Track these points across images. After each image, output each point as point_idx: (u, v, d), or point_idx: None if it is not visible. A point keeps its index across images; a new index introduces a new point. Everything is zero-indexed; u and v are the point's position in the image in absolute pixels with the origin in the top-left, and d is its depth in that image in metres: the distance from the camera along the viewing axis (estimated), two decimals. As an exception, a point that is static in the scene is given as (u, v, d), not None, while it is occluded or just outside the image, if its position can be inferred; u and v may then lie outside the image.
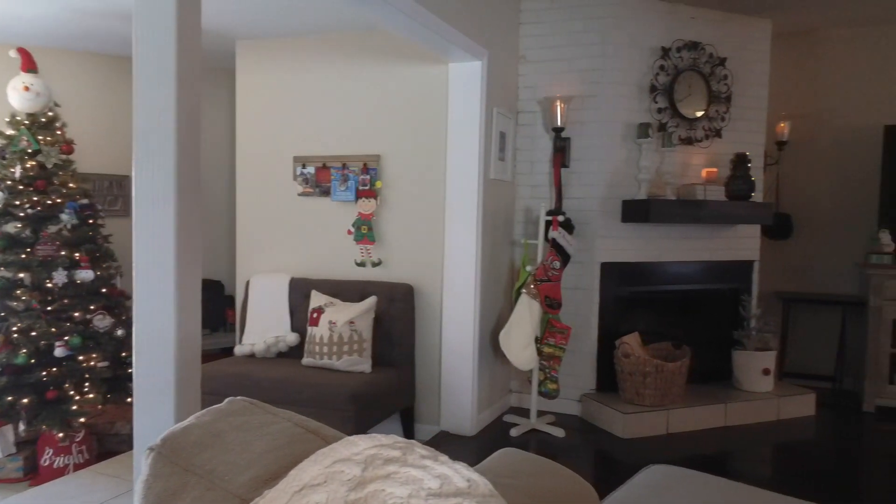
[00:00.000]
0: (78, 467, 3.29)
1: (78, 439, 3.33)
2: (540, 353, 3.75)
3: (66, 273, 3.40)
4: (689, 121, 4.18)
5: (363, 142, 3.88)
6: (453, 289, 3.69)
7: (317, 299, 3.63)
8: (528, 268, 3.80)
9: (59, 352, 3.30)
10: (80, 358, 3.38)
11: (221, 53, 4.74)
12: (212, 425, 0.79)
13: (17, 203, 3.41)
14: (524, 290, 3.71)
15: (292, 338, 3.75)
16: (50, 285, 3.38)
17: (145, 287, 1.76)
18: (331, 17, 3.69)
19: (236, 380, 3.34)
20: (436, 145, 3.72)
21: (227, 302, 5.23)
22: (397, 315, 3.64)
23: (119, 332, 3.58)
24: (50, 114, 3.64)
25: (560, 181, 4.03)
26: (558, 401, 4.03)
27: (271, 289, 3.89)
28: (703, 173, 4.23)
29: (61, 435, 3.26)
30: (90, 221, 3.66)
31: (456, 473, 0.71)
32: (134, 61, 1.73)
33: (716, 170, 4.23)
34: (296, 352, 3.75)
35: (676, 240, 4.22)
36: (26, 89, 3.49)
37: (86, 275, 3.46)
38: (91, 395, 3.40)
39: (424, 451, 0.74)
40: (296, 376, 3.30)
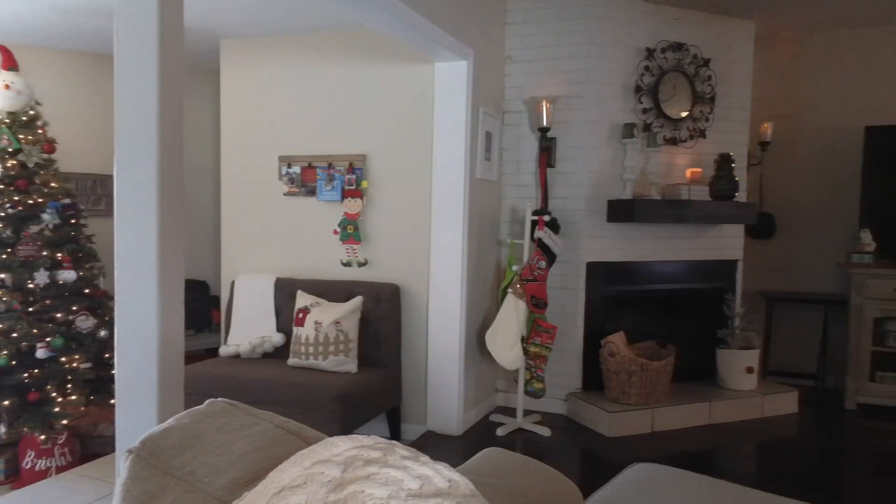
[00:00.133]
0: (60, 470, 3.26)
1: (60, 441, 3.30)
2: (526, 352, 3.76)
3: (47, 273, 3.37)
4: (674, 121, 4.21)
5: (349, 141, 3.87)
6: (439, 289, 3.69)
7: (302, 299, 3.62)
8: (514, 267, 3.81)
9: (40, 353, 3.27)
10: (63, 359, 3.35)
11: (206, 52, 4.70)
12: (192, 427, 0.78)
13: (-2, 203, 3.37)
14: (510, 290, 3.72)
15: (278, 338, 3.74)
16: (31, 286, 3.34)
17: (127, 287, 1.75)
18: (316, 17, 3.68)
19: (221, 381, 3.32)
20: (422, 145, 3.72)
21: (212, 302, 5.20)
22: (383, 315, 3.63)
23: (102, 333, 3.55)
24: (31, 112, 3.60)
25: (546, 181, 4.04)
26: (544, 400, 4.04)
27: (257, 289, 3.87)
28: (688, 173, 4.27)
29: (43, 437, 3.23)
30: (72, 221, 3.63)
31: (437, 474, 0.71)
32: (115, 59, 1.71)
33: (700, 170, 4.26)
34: (281, 352, 3.73)
35: (661, 239, 4.25)
36: (7, 87, 3.45)
37: (68, 275, 3.43)
38: (74, 397, 3.37)
39: (405, 452, 0.74)
40: (281, 377, 3.28)
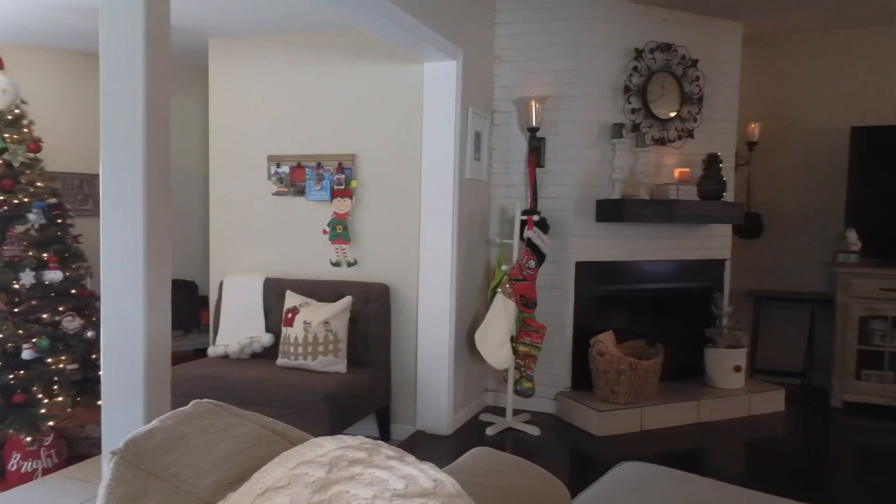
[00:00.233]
0: (47, 472, 3.23)
1: (47, 443, 3.27)
2: (515, 351, 3.77)
3: (33, 274, 3.34)
4: (662, 121, 4.23)
5: (338, 141, 3.86)
6: (429, 288, 3.69)
7: (291, 299, 3.61)
8: (504, 267, 3.82)
9: (26, 354, 3.24)
10: (49, 360, 3.32)
11: (194, 51, 4.68)
12: (176, 428, 0.78)
13: (-17, 202, 3.33)
14: (500, 290, 3.73)
15: (267, 338, 3.72)
16: (17, 286, 3.31)
17: (113, 287, 1.74)
18: (305, 16, 3.67)
19: (209, 381, 3.30)
20: (411, 145, 3.72)
21: (201, 302, 5.17)
22: (373, 315, 3.63)
23: (89, 333, 3.52)
24: (17, 111, 3.56)
25: (535, 181, 4.05)
26: (534, 399, 4.06)
27: (245, 289, 3.85)
28: (676, 173, 4.29)
29: (29, 439, 3.20)
30: (59, 221, 3.59)
31: (422, 474, 0.71)
32: (101, 58, 1.70)
33: (688, 170, 4.29)
34: (270, 352, 3.72)
35: (650, 239, 4.27)
36: (-8, 86, 3.41)
37: (54, 275, 3.40)
38: (60, 398, 3.34)
39: (391, 452, 0.74)
40: (270, 377, 3.27)
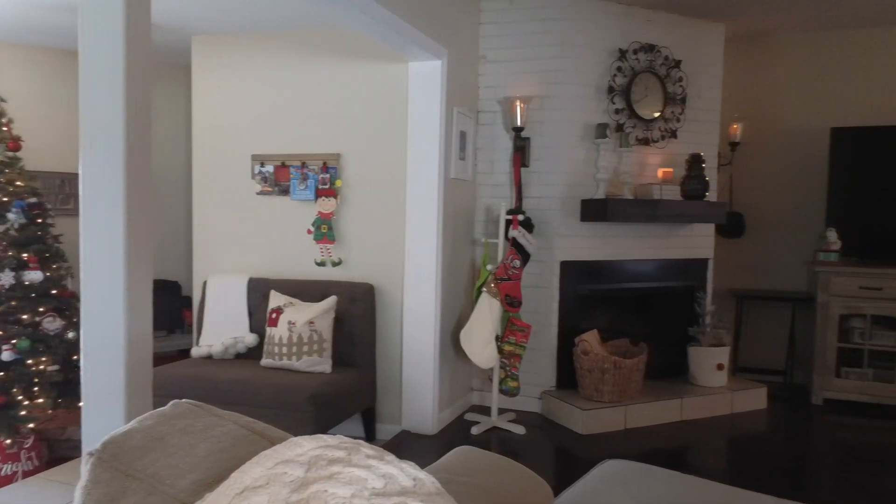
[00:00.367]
0: (27, 474, 3.19)
1: (27, 446, 3.23)
2: (500, 351, 3.78)
3: (13, 274, 3.30)
4: (646, 121, 4.26)
5: (323, 140, 3.85)
6: (414, 288, 3.69)
7: (276, 299, 3.59)
8: (489, 267, 3.83)
9: (6, 355, 3.20)
10: (29, 362, 3.28)
11: (177, 49, 4.64)
12: (154, 429, 0.77)
13: (-39, 202, 3.29)
14: (485, 289, 3.74)
15: (251, 339, 3.70)
16: (-4, 287, 3.26)
17: (93, 288, 1.72)
18: (289, 14, 3.65)
19: (193, 382, 3.28)
20: (396, 144, 3.72)
21: (184, 303, 5.13)
22: (358, 315, 3.62)
23: (70, 334, 3.48)
24: (-5, 109, 3.52)
25: (520, 180, 4.06)
26: (519, 398, 4.07)
27: (229, 289, 3.83)
28: (660, 173, 4.32)
29: (9, 441, 3.16)
30: (39, 220, 3.55)
31: (402, 473, 0.72)
32: (80, 56, 1.68)
33: (671, 170, 4.32)
34: (255, 353, 3.70)
35: (634, 238, 4.30)
36: (-30, 84, 3.36)
37: (34, 276, 3.36)
38: (41, 400, 3.30)
39: (370, 451, 0.74)
40: (254, 378, 3.26)
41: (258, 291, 3.79)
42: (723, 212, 4.29)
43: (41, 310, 3.41)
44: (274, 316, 3.51)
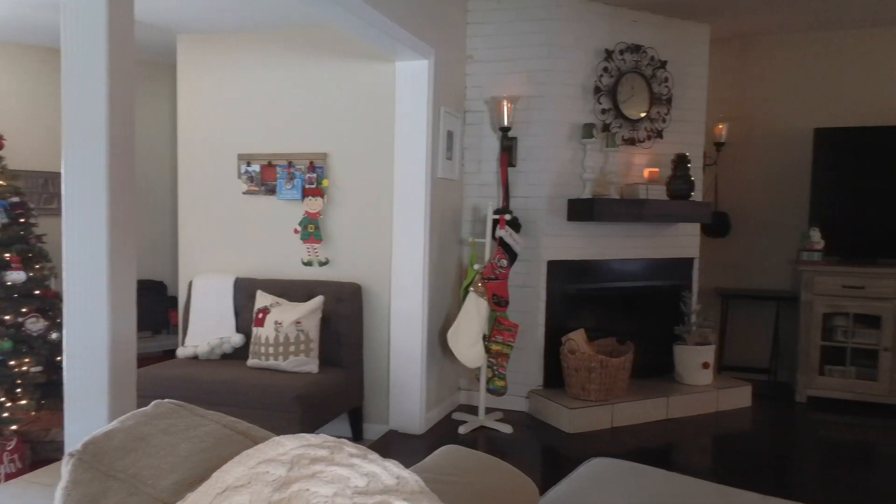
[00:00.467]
0: (10, 476, 3.15)
1: (10, 447, 3.19)
2: (488, 350, 3.79)
3: (-5, 274, 3.26)
4: (632, 122, 4.28)
5: (309, 140, 3.84)
6: (401, 288, 3.69)
7: (262, 299, 3.57)
8: (476, 266, 3.83)
9: (-13, 357, 3.16)
10: (12, 363, 3.24)
11: (162, 47, 4.61)
12: (136, 429, 0.77)
13: (-59, 201, 3.25)
14: (472, 289, 3.74)
15: (237, 339, 3.68)
16: (-22, 287, 3.23)
17: (76, 288, 1.70)
18: (275, 13, 3.64)
19: (178, 382, 3.26)
20: (383, 144, 3.71)
21: (170, 303, 5.09)
22: (345, 314, 3.61)
23: (54, 335, 3.45)
24: (-23, 108, 3.47)
25: (507, 180, 4.07)
26: (506, 397, 4.07)
27: (215, 289, 3.81)
28: (646, 173, 4.35)
29: (-9, 443, 3.12)
30: (22, 220, 3.51)
31: (385, 471, 0.72)
32: (62, 53, 1.66)
33: (657, 170, 4.35)
34: (241, 353, 3.68)
35: (620, 238, 4.32)
36: (-50, 82, 3.32)
37: (17, 276, 3.32)
38: (24, 402, 3.26)
39: (354, 450, 0.74)
40: (240, 378, 3.24)
41: (244, 291, 3.77)
42: (708, 211, 4.32)
43: (24, 310, 3.38)
44: (260, 316, 3.49)
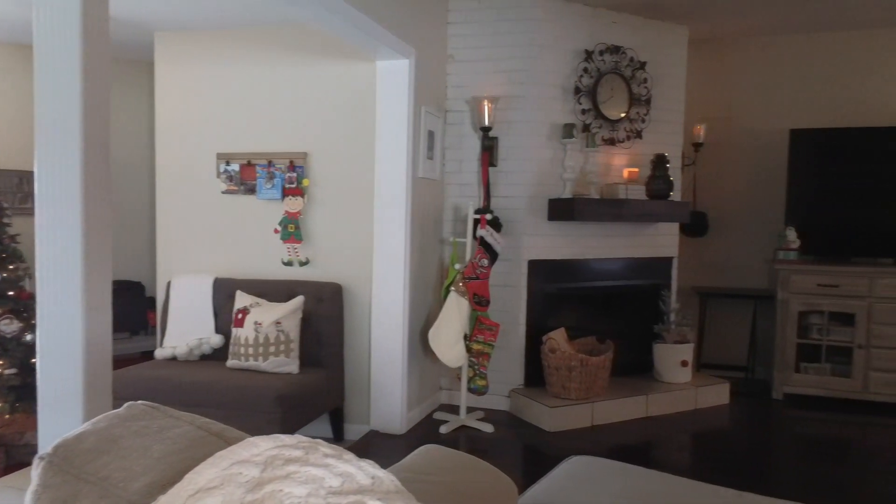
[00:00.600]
0: (-18, 481, 3.10)
1: (-18, 451, 3.13)
2: (469, 350, 3.79)
3: (-33, 275, 3.20)
4: (612, 122, 4.31)
5: (289, 139, 3.81)
6: (382, 287, 3.68)
7: (242, 300, 3.54)
8: (457, 266, 3.83)
9: (-41, 359, 3.10)
10: (-16, 365, 3.19)
11: (139, 45, 4.56)
12: (108, 431, 0.76)
13: (-89, 200, 3.18)
14: (453, 288, 3.74)
15: (216, 339, 3.65)
16: (-51, 288, 3.16)
17: (50, 288, 1.68)
18: (254, 11, 3.61)
19: (156, 384, 3.22)
20: (364, 143, 3.70)
21: (148, 304, 5.03)
22: (326, 315, 3.59)
23: (28, 337, 3.39)
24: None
25: (488, 180, 4.08)
26: (487, 397, 4.08)
27: (194, 290, 3.77)
28: (625, 173, 4.38)
29: (-37, 448, 3.06)
30: (-6, 220, 3.45)
31: (360, 471, 0.71)
32: (35, 50, 1.64)
33: (637, 170, 4.38)
34: (220, 354, 3.65)
35: (600, 237, 4.35)
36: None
37: (-10, 277, 3.26)
38: (-3, 405, 3.21)
39: (329, 450, 0.73)
40: (220, 379, 3.21)
41: (224, 292, 3.74)
42: (687, 211, 4.37)
43: (-3, 312, 3.32)
44: (240, 316, 3.46)
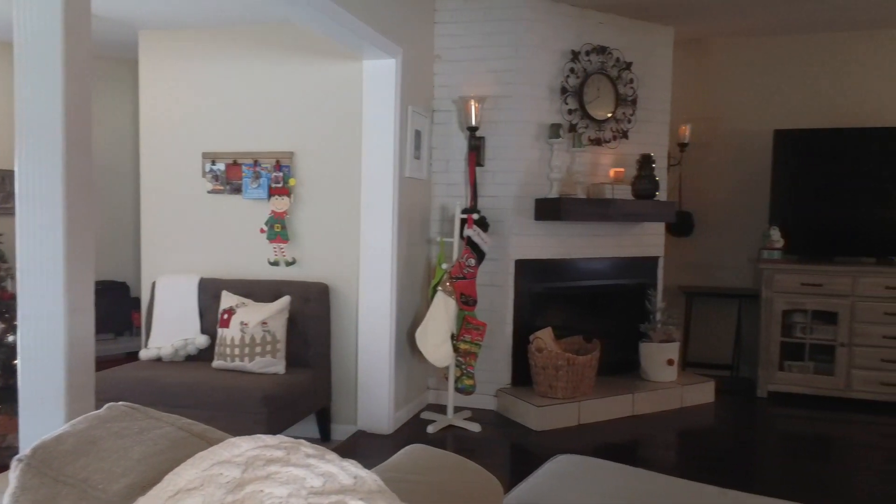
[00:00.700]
0: (-37, 484, 3.06)
1: (-37, 454, 3.10)
2: (456, 349, 3.79)
3: (-53, 276, 3.16)
4: (598, 122, 4.33)
5: (276, 138, 3.80)
6: (369, 287, 3.67)
7: (227, 300, 3.52)
8: (444, 265, 3.84)
9: (-60, 361, 3.06)
10: (-35, 367, 3.15)
11: (123, 43, 4.52)
12: (87, 432, 0.75)
13: None
14: (440, 288, 3.74)
15: (202, 340, 3.63)
16: (-71, 289, 3.12)
17: (31, 289, 1.66)
18: (239, 9, 3.59)
19: (141, 385, 3.19)
20: (351, 143, 3.69)
21: (133, 304, 4.99)
22: (312, 315, 3.58)
23: (10, 338, 3.35)
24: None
25: (475, 180, 4.08)
26: (475, 396, 4.08)
27: (179, 290, 3.74)
28: (612, 173, 4.40)
29: (-57, 450, 3.02)
30: (-24, 220, 3.41)
31: (342, 471, 0.71)
32: (15, 47, 1.62)
33: (623, 170, 4.40)
34: (206, 354, 3.63)
35: (587, 237, 4.37)
36: None
37: (-30, 277, 3.22)
38: (-22, 407, 3.17)
39: (311, 451, 0.73)
40: (205, 380, 3.19)
41: (209, 292, 3.72)
42: (672, 211, 4.39)
43: (-22, 313, 3.28)
44: (225, 317, 3.44)
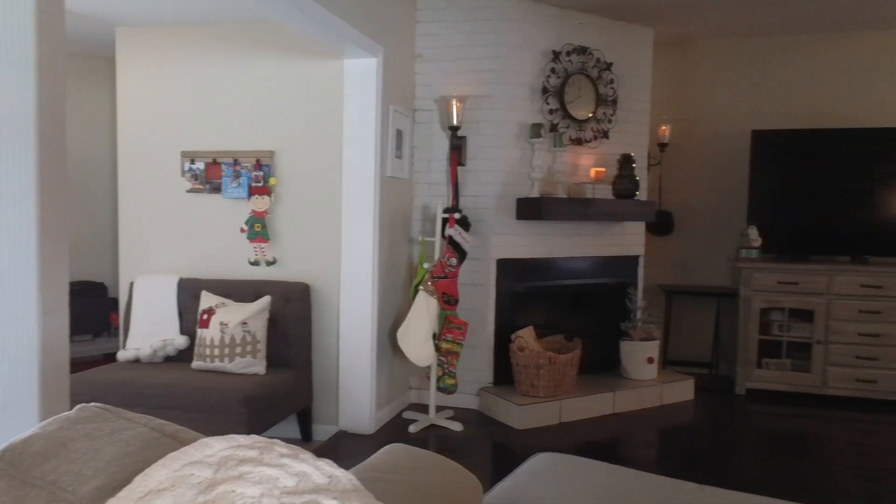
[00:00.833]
0: (-65, 489, 3.00)
1: (-66, 458, 3.04)
2: (438, 349, 3.79)
3: (-82, 276, 3.09)
4: (579, 122, 4.36)
5: (256, 137, 3.77)
6: (351, 287, 3.66)
7: (207, 300, 3.49)
8: (426, 265, 3.83)
9: None
10: (-63, 369, 3.08)
11: (100, 41, 4.46)
12: (57, 434, 0.74)
13: None
14: (422, 287, 3.74)
15: (181, 341, 3.59)
16: None
17: (3, 290, 1.63)
18: (219, 6, 3.55)
19: (118, 387, 3.15)
20: (331, 142, 3.68)
21: (111, 305, 4.93)
22: (293, 314, 3.56)
23: (-17, 339, 3.29)
24: None
25: (456, 179, 4.09)
26: (457, 395, 4.09)
27: (158, 290, 3.70)
28: (592, 173, 4.43)
29: (-86, 455, 2.96)
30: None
31: (316, 470, 0.71)
32: (-14, 45, 1.58)
33: (604, 169, 4.43)
34: (185, 355, 3.59)
35: (568, 236, 4.39)
36: None
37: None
38: (-50, 410, 3.11)
39: (285, 450, 0.73)
40: (184, 381, 3.16)
41: (189, 292, 3.68)
42: (652, 210, 4.43)
43: (-50, 314, 3.21)
44: (205, 317, 3.41)
